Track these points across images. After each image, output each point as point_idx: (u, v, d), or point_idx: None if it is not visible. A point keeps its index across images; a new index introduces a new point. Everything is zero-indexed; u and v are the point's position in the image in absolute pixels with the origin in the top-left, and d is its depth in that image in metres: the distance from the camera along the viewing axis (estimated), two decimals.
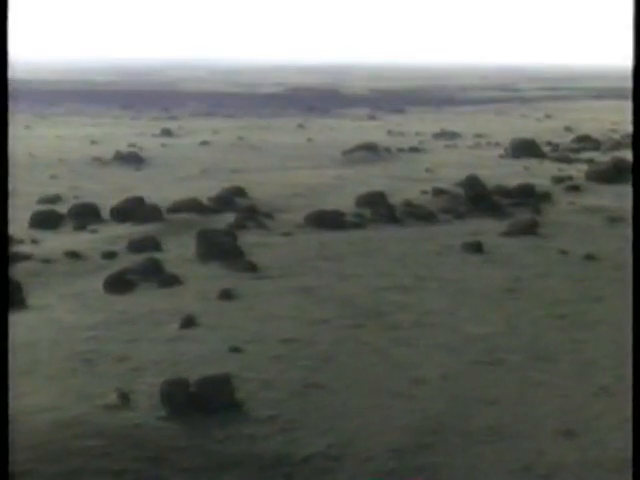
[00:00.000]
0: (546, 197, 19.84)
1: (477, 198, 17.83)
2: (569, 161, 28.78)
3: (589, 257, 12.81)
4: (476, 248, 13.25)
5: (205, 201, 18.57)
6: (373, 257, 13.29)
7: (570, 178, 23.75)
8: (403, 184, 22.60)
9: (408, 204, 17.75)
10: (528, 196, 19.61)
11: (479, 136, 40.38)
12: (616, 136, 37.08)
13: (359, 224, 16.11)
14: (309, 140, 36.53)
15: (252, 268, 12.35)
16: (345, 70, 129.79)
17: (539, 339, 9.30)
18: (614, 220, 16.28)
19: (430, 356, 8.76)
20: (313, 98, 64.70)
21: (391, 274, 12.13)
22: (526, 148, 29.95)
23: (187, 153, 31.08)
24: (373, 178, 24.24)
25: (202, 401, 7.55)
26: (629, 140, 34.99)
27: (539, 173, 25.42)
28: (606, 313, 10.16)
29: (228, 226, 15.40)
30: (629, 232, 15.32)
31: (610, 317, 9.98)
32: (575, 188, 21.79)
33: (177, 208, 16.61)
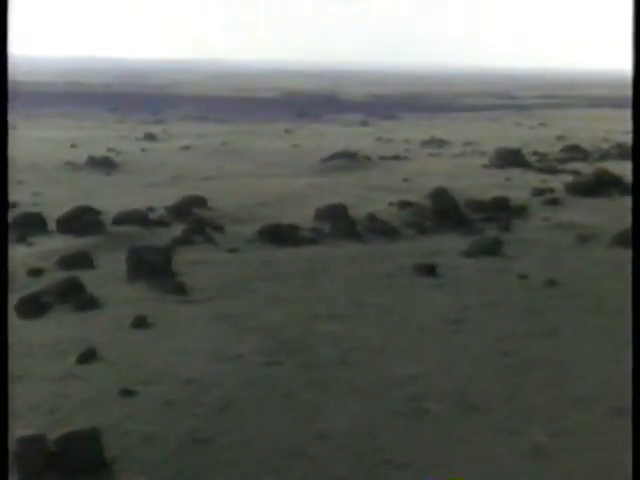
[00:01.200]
0: (521, 211, 18.63)
1: (444, 212, 16.64)
2: (554, 172, 27.55)
3: (550, 283, 11.61)
4: (429, 271, 12.03)
5: (162, 211, 17.43)
6: (317, 279, 12.09)
7: (551, 190, 22.52)
8: (375, 194, 21.40)
9: (372, 218, 16.54)
10: (502, 210, 18.40)
11: (468, 144, 39.16)
12: (605, 146, 35.83)
13: (314, 240, 14.91)
14: (294, 146, 35.34)
15: (180, 290, 11.16)
16: (348, 75, 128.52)
17: (474, 383, 8.09)
18: (585, 239, 15.07)
19: (344, 404, 7.57)
20: (308, 103, 63.46)
21: (330, 299, 10.92)
22: (511, 158, 28.72)
23: (165, 158, 29.90)
24: (346, 187, 23.05)
25: (63, 462, 6.37)
26: (618, 150, 33.79)
27: (520, 184, 24.18)
28: (555, 351, 8.96)
29: (172, 240, 14.22)
30: (598, 252, 14.22)
31: (558, 356, 8.79)
32: (553, 202, 20.56)
33: (122, 220, 15.40)
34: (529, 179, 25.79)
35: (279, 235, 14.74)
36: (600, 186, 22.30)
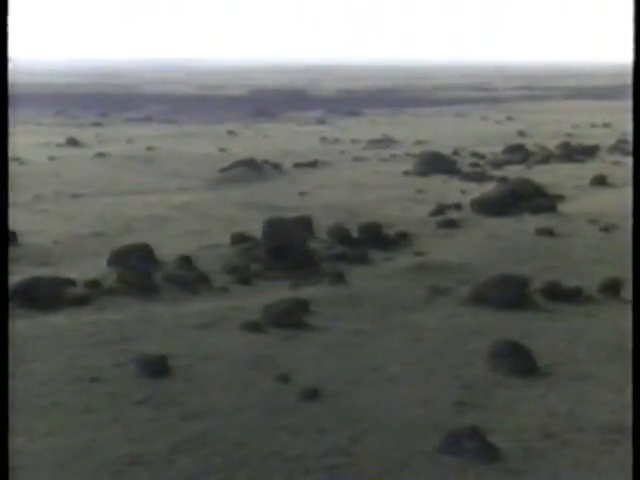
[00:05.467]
0: (396, 241, 14.56)
1: (279, 250, 12.56)
2: (481, 179, 23.39)
3: (311, 394, 7.45)
4: (159, 369, 7.91)
5: None
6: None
7: (457, 207, 18.42)
8: (247, 216, 17.34)
9: (184, 260, 12.49)
10: (372, 240, 14.36)
11: (419, 143, 35.01)
12: (557, 143, 31.56)
13: (84, 299, 10.82)
14: (221, 151, 31.25)
15: None
16: (327, 70, 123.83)
17: None
18: (439, 292, 10.96)
19: None
20: (273, 100, 59.31)
21: None
22: (436, 163, 24.61)
23: (64, 169, 25.89)
24: (221, 207, 18.97)
25: None
26: (564, 151, 29.60)
27: (429, 198, 20.07)
28: None
29: None
30: (436, 318, 9.97)
31: None
32: (450, 224, 16.47)
33: None
34: (446, 190, 21.68)
35: (37, 294, 10.69)
36: (513, 201, 18.17)
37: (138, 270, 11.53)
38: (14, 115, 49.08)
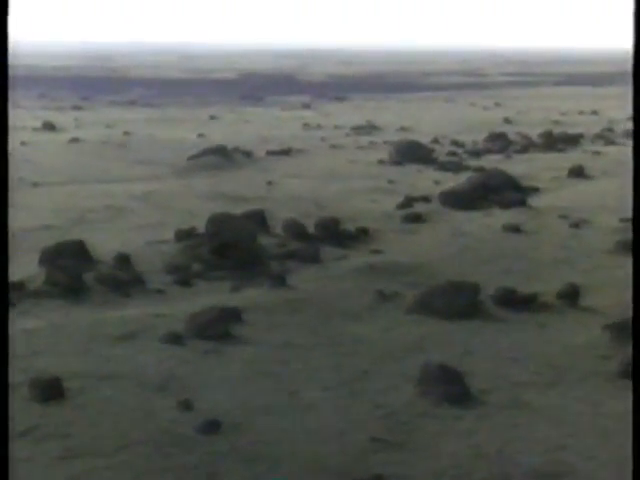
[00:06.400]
0: (354, 238, 13.69)
1: (223, 248, 11.69)
2: (458, 169, 22.49)
3: (211, 425, 6.55)
4: (51, 393, 7.03)
5: None
6: None
7: (426, 199, 17.54)
8: (205, 208, 16.43)
9: (122, 259, 11.61)
10: (329, 236, 13.49)
11: (403, 129, 34.11)
12: (539, 131, 30.60)
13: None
14: (199, 136, 30.34)
15: None
16: (320, 54, 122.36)
17: None
18: (385, 298, 10.10)
19: None
20: (260, 85, 58.25)
21: None
22: (412, 152, 23.70)
23: (33, 155, 24.93)
24: (184, 197, 18.10)
25: None
26: (547, 140, 28.67)
27: (401, 189, 19.18)
28: None
29: None
30: (379, 328, 8.69)
31: None
32: (415, 219, 15.59)
33: None
34: (418, 180, 20.77)
35: None
36: (484, 193, 17.29)
37: (68, 270, 10.65)
38: None
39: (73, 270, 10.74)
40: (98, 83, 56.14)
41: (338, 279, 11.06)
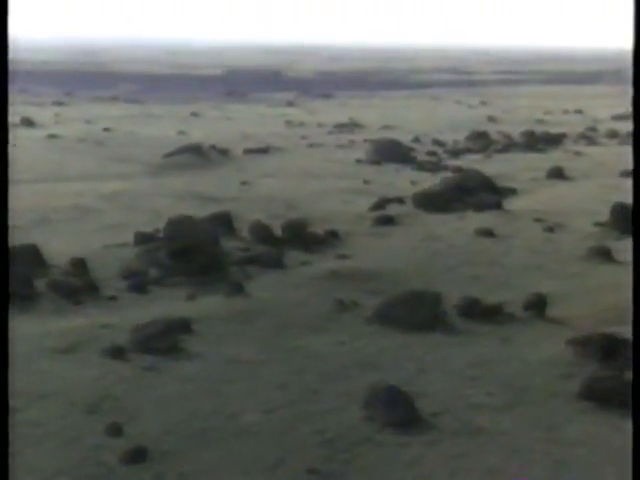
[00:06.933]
0: (321, 242, 13.20)
1: (182, 253, 11.19)
2: (436, 169, 22.03)
3: (138, 454, 5.99)
4: None
5: None
6: None
7: (400, 201, 17.06)
8: (174, 209, 15.93)
9: (77, 263, 11.13)
10: (296, 240, 13.02)
11: (386, 128, 33.63)
12: (522, 130, 30.12)
13: None
14: (180, 133, 29.83)
15: None
16: (309, 50, 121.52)
17: None
18: (345, 309, 9.63)
19: None
20: (246, 81, 57.66)
21: None
22: (391, 151, 23.22)
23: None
24: (155, 197, 17.60)
25: None
26: (527, 139, 28.21)
27: (376, 190, 18.71)
28: None
29: None
30: (331, 341, 8.15)
31: None
32: (387, 221, 15.12)
33: None
34: (395, 180, 20.30)
35: None
36: (459, 195, 16.81)
37: (19, 277, 10.15)
38: None
39: (24, 276, 10.24)
40: (83, 78, 55.46)
41: (298, 286, 10.58)
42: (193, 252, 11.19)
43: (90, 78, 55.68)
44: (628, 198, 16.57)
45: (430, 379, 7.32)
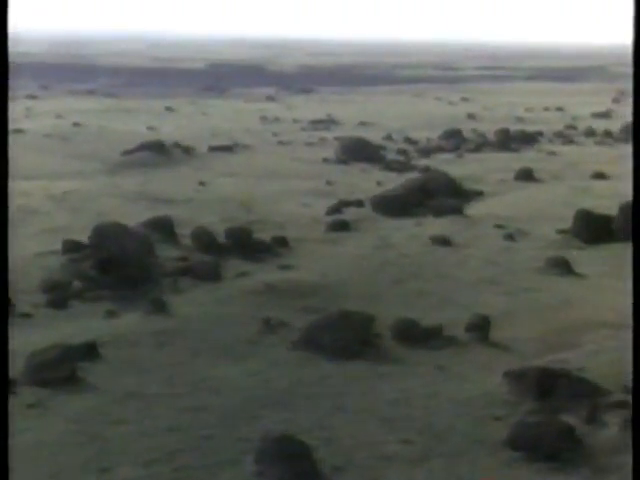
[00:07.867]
0: (264, 251, 12.33)
1: (107, 264, 10.30)
2: (403, 169, 21.12)
3: None
4: None
5: None
6: None
7: (359, 204, 16.17)
8: (122, 211, 15.03)
9: None
10: (240, 247, 12.13)
11: (362, 124, 32.73)
12: (497, 128, 29.20)
13: None
14: (149, 129, 28.87)
15: None
16: (294, 45, 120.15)
17: None
18: (272, 329, 8.75)
19: None
20: (227, 75, 56.62)
21: None
22: (359, 150, 22.32)
23: None
24: (105, 198, 16.65)
25: None
26: (501, 138, 27.33)
27: (338, 191, 17.81)
28: None
29: None
30: (255, 366, 7.26)
31: None
32: (341, 227, 14.23)
33: None
34: (360, 181, 19.38)
35: None
36: (420, 199, 15.92)
37: None
38: None
39: None
40: (61, 71, 54.36)
41: (228, 302, 9.69)
42: (120, 263, 10.30)
43: (68, 71, 54.58)
44: (595, 203, 15.84)
45: (342, 421, 6.45)
